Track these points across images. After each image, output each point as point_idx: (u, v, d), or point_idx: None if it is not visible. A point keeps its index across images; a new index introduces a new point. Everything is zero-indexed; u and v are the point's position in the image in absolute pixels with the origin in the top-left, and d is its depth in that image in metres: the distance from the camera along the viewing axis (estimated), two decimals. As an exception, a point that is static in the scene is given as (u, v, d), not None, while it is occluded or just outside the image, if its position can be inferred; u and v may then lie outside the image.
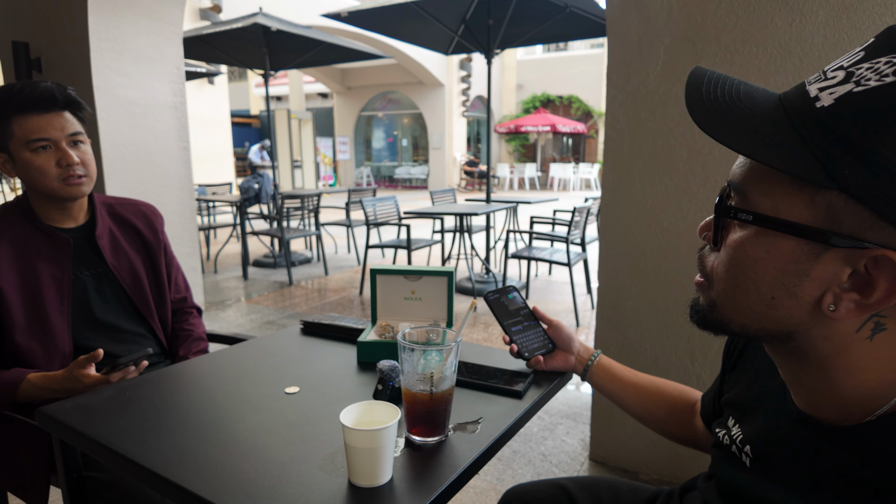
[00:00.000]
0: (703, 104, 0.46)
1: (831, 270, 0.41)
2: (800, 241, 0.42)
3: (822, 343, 0.45)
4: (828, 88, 0.41)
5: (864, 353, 0.44)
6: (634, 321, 1.85)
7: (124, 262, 1.30)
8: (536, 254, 4.05)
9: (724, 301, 0.49)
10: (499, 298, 1.08)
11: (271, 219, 5.45)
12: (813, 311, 0.43)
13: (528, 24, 4.66)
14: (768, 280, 0.44)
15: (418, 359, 0.77)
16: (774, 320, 0.46)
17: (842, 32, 1.45)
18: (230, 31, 5.11)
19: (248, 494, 0.68)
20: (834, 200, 0.40)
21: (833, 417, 0.48)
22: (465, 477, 0.75)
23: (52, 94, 1.14)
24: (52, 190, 1.16)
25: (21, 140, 1.13)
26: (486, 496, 1.84)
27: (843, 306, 0.42)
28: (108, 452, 0.79)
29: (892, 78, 0.37)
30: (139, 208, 1.39)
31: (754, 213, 0.44)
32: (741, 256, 0.46)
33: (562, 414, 2.43)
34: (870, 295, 0.40)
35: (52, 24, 2.71)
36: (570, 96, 18.04)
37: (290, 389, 0.98)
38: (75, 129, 1.18)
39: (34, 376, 1.09)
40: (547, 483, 1.00)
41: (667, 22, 1.67)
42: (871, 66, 0.38)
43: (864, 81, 0.38)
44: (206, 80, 10.07)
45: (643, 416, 0.93)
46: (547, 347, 1.02)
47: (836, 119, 0.39)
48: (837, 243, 0.40)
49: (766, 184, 0.44)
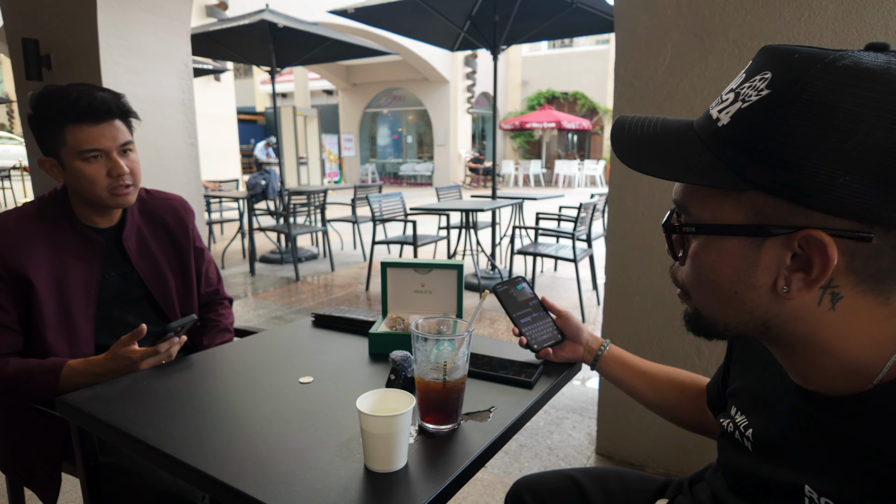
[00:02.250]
0: (626, 148, 0.53)
1: (775, 257, 0.47)
2: (740, 238, 0.48)
3: (794, 324, 0.49)
4: (724, 109, 0.48)
5: (834, 324, 0.47)
6: (641, 316, 1.85)
7: (150, 262, 1.30)
8: (542, 250, 4.06)
9: (703, 306, 0.54)
10: (507, 290, 1.07)
11: (278, 215, 5.48)
12: (772, 296, 0.48)
13: (534, 20, 4.65)
14: (727, 278, 0.50)
15: (431, 348, 0.78)
16: (745, 312, 0.50)
17: (851, 27, 1.45)
18: (237, 28, 5.13)
19: (268, 479, 0.69)
20: (755, 198, 0.46)
21: (830, 390, 0.51)
22: (478, 464, 0.76)
23: (107, 105, 1.14)
24: (99, 199, 1.17)
25: (74, 149, 1.12)
26: (494, 488, 1.86)
27: (794, 286, 0.46)
28: (128, 438, 0.81)
29: (766, 91, 0.44)
30: (171, 203, 1.38)
31: (696, 224, 0.51)
32: (700, 264, 0.52)
33: (568, 408, 2.44)
34: (811, 271, 0.45)
35: (62, 20, 2.74)
36: (575, 93, 17.99)
37: (304, 379, 0.99)
38: (126, 139, 1.18)
39: (75, 362, 1.10)
40: (556, 474, 1.01)
41: (675, 17, 1.68)
42: (750, 84, 0.46)
43: (747, 98, 0.46)
44: (212, 78, 10.10)
45: (655, 403, 0.94)
46: (556, 338, 1.03)
47: (734, 133, 0.46)
48: (769, 233, 0.46)
49: (699, 197, 0.50)
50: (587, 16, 4.49)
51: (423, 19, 4.67)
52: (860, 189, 0.41)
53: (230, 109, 10.92)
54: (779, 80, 0.44)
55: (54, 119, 1.12)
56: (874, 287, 0.45)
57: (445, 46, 5.33)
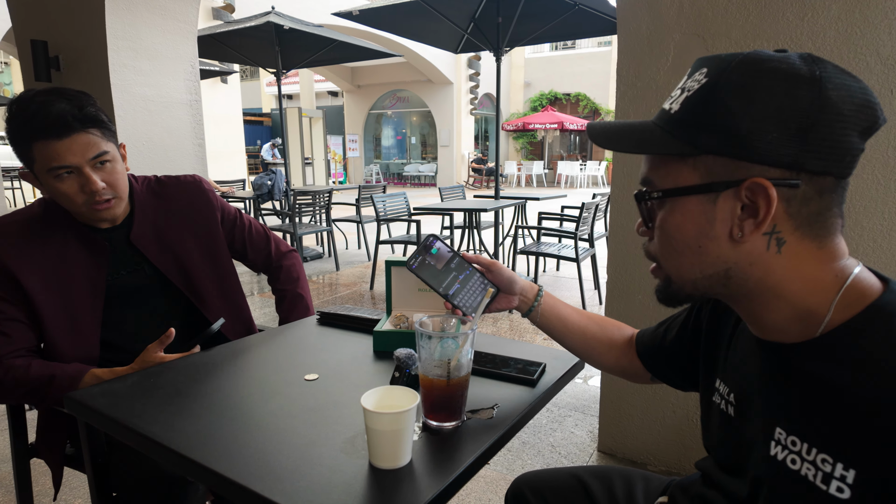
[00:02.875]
0: (601, 136, 0.64)
1: (728, 209, 0.56)
2: (698, 197, 0.57)
3: (750, 269, 0.57)
4: (674, 101, 0.59)
5: (783, 267, 0.56)
6: (644, 315, 1.86)
7: (171, 256, 1.26)
8: (545, 249, 4.06)
9: (673, 270, 0.62)
10: (423, 261, 0.92)
11: (284, 215, 5.50)
12: (730, 244, 0.57)
13: (537, 22, 4.66)
14: (692, 234, 0.58)
15: (435, 346, 0.79)
16: (709, 264, 0.59)
17: (854, 26, 1.46)
18: (243, 30, 5.16)
19: (273, 475, 0.70)
20: (706, 161, 0.56)
21: (787, 337, 0.58)
22: (482, 460, 0.77)
23: (65, 119, 1.03)
24: (80, 214, 1.13)
25: (43, 167, 1.05)
26: (496, 485, 1.86)
27: (746, 230, 0.55)
28: (135, 435, 0.82)
29: (705, 80, 0.56)
30: (184, 187, 1.32)
31: (661, 189, 0.60)
32: (669, 227, 0.60)
33: (570, 406, 2.45)
34: (758, 214, 0.54)
35: (71, 22, 2.76)
36: (577, 94, 17.98)
37: (310, 376, 1.00)
38: (98, 151, 1.08)
39: (100, 371, 1.07)
40: (559, 471, 1.02)
41: (677, 17, 1.68)
42: (691, 80, 0.58)
43: (689, 90, 0.58)
44: (219, 79, 10.14)
45: (583, 353, 0.96)
46: (491, 295, 0.93)
47: (684, 115, 0.57)
48: (721, 189, 0.55)
49: (661, 169, 0.60)
50: (590, 17, 4.50)
51: (427, 21, 4.69)
52: (785, 142, 0.52)
53: (236, 111, 10.97)
54: (713, 72, 0.56)
55: (20, 135, 1.05)
56: (810, 231, 0.55)
57: (449, 48, 5.35)
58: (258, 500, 0.67)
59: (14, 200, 10.74)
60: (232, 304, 1.36)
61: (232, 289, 1.36)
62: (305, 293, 1.46)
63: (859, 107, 0.52)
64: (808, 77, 0.51)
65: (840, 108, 0.51)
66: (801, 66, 0.52)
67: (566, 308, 0.96)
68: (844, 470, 0.51)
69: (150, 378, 1.01)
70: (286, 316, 1.42)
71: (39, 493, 1.81)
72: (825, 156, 0.52)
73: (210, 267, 1.32)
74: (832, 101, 0.51)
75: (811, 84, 0.51)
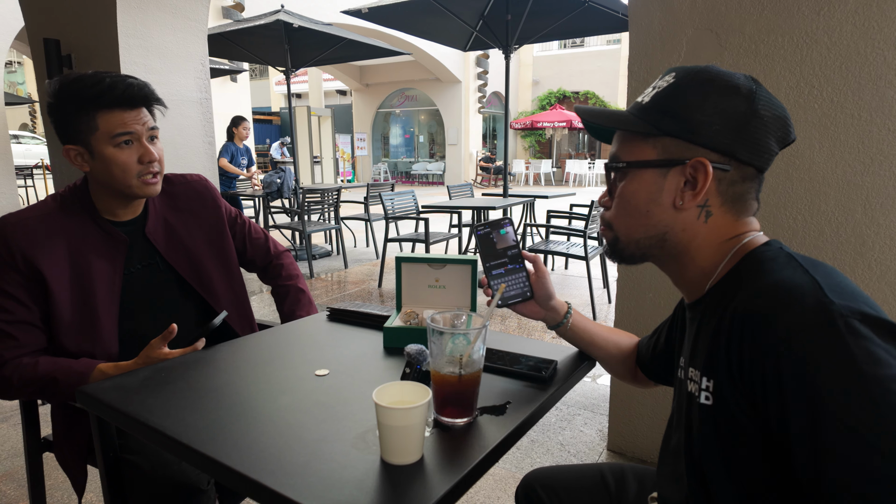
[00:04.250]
0: (585, 113, 0.77)
1: (674, 182, 0.70)
2: (653, 170, 0.70)
3: (682, 234, 0.71)
4: (646, 96, 0.73)
5: (703, 234, 0.71)
6: (654, 313, 1.84)
7: (182, 251, 1.28)
8: (553, 248, 4.04)
9: (622, 231, 0.75)
10: (489, 233, 0.99)
11: (293, 213, 5.52)
12: (672, 211, 0.70)
13: (546, 20, 4.64)
14: (644, 201, 0.72)
15: (447, 342, 0.79)
16: (652, 227, 0.72)
17: (871, 20, 1.43)
18: (252, 28, 5.17)
19: (284, 470, 0.70)
20: (665, 142, 0.70)
21: (693, 297, 0.74)
22: (494, 457, 0.76)
23: (142, 91, 1.15)
24: (129, 187, 1.16)
25: (106, 134, 1.12)
26: (506, 483, 1.86)
27: (686, 200, 0.69)
28: (146, 429, 0.82)
29: (672, 80, 0.70)
30: (191, 186, 1.36)
31: (626, 161, 0.73)
32: (627, 193, 0.73)
33: (580, 405, 2.43)
34: (696, 187, 0.68)
35: (82, 21, 2.78)
36: (586, 92, 17.89)
37: (320, 372, 1.00)
38: (153, 125, 1.19)
39: (105, 366, 1.09)
40: (572, 467, 1.01)
41: (690, 13, 1.66)
42: (662, 79, 0.72)
43: (659, 87, 0.71)
44: (228, 78, 10.18)
45: (601, 362, 1.06)
46: (525, 296, 1.00)
47: (653, 104, 0.71)
48: (673, 165, 0.69)
49: (627, 146, 0.73)
50: (599, 15, 4.47)
51: (436, 19, 4.68)
52: (723, 134, 0.66)
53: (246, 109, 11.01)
54: (679, 76, 0.70)
55: (86, 105, 1.11)
56: (732, 208, 0.70)
57: (458, 46, 5.34)
58: (270, 495, 0.66)
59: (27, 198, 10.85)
60: (239, 301, 1.38)
61: (238, 285, 1.38)
62: (307, 289, 1.48)
63: (777, 119, 0.67)
64: (747, 91, 0.67)
65: (764, 117, 0.67)
66: (744, 82, 0.67)
67: (589, 326, 1.04)
68: (707, 381, 0.66)
69: (162, 373, 1.01)
70: (291, 310, 1.42)
71: (52, 486, 1.83)
72: (750, 149, 0.67)
73: (219, 263, 1.34)
74: (759, 111, 0.66)
75: (748, 96, 0.66)
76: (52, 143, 3.23)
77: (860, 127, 1.49)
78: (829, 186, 1.55)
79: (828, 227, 1.57)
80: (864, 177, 1.51)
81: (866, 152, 1.50)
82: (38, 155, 13.81)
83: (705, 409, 0.66)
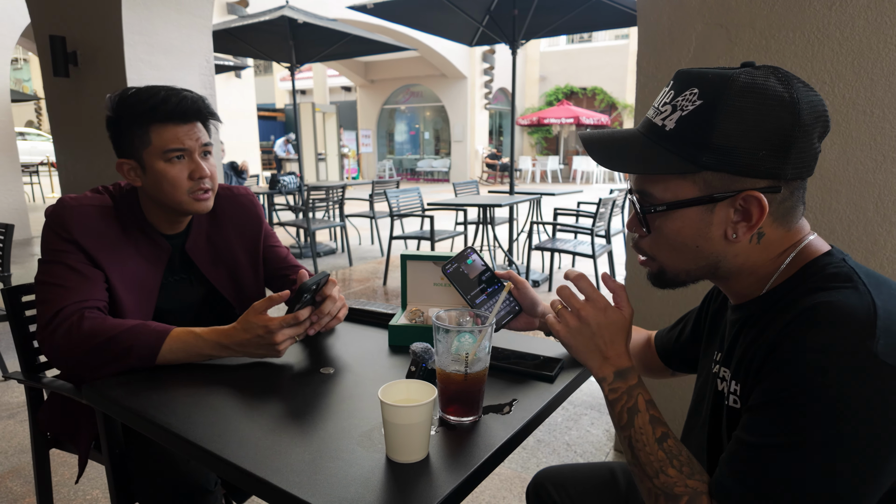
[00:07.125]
0: (598, 151, 0.70)
1: (723, 216, 0.65)
2: (698, 207, 0.65)
3: (735, 259, 0.68)
4: (667, 118, 0.65)
5: (757, 253, 0.67)
6: (663, 313, 1.83)
7: (223, 268, 1.28)
8: (560, 245, 4.03)
9: (668, 264, 0.71)
10: (458, 268, 1.00)
11: (297, 210, 5.52)
12: (724, 243, 0.66)
13: (553, 14, 4.61)
14: (690, 237, 0.67)
15: (453, 340, 0.78)
16: (703, 259, 0.68)
17: (884, 15, 1.41)
18: (257, 24, 5.17)
19: (290, 468, 0.70)
20: (705, 176, 0.63)
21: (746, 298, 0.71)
22: (500, 456, 0.76)
23: (196, 105, 1.13)
24: (179, 203, 1.14)
25: (158, 149, 1.11)
26: (512, 483, 1.85)
27: (740, 232, 0.65)
28: (152, 425, 0.83)
29: (699, 101, 0.62)
30: (238, 200, 1.34)
31: (666, 203, 0.66)
32: (669, 232, 0.68)
33: (586, 405, 2.43)
34: (751, 219, 0.64)
35: (88, 18, 2.79)
36: (593, 88, 17.79)
37: (325, 370, 1.00)
38: (207, 140, 1.17)
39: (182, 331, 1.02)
40: (584, 465, 1.01)
41: (699, 7, 1.64)
42: (683, 98, 0.64)
43: (685, 108, 0.63)
44: (233, 74, 10.21)
45: None
46: (514, 311, 1.01)
47: (681, 133, 0.64)
48: (719, 199, 0.64)
49: (661, 183, 0.66)
50: (608, 9, 4.43)
51: (442, 14, 4.66)
52: (770, 159, 0.61)
53: (250, 106, 11.04)
54: (705, 94, 0.62)
55: (140, 119, 1.10)
56: (783, 223, 0.66)
57: (464, 41, 5.32)
58: (276, 493, 0.66)
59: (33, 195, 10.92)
60: None
61: (262, 294, 1.38)
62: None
63: (819, 117, 0.61)
64: (788, 100, 0.59)
65: (809, 124, 0.60)
66: (781, 90, 0.60)
67: None
68: (736, 384, 0.66)
69: (167, 370, 1.01)
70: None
71: (59, 482, 1.84)
72: (799, 165, 0.62)
73: (254, 275, 1.34)
74: (804, 120, 0.60)
75: (791, 106, 0.59)
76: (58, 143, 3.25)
77: (872, 124, 1.47)
78: (841, 184, 1.53)
79: (839, 226, 1.55)
80: (876, 174, 1.49)
81: (878, 149, 1.47)
82: (44, 152, 13.89)
83: (733, 411, 0.67)
